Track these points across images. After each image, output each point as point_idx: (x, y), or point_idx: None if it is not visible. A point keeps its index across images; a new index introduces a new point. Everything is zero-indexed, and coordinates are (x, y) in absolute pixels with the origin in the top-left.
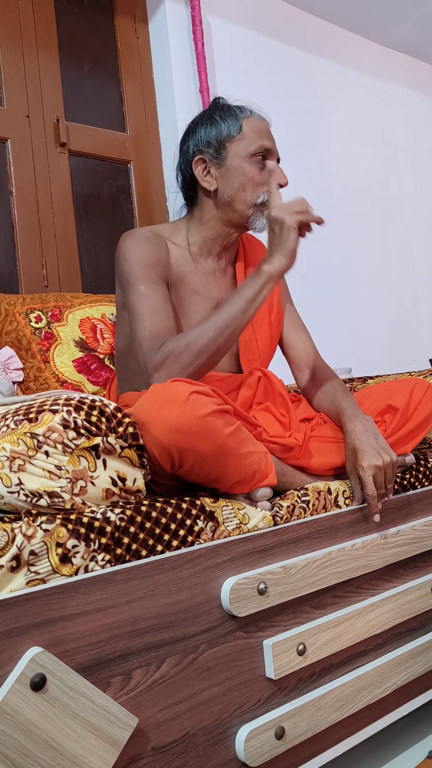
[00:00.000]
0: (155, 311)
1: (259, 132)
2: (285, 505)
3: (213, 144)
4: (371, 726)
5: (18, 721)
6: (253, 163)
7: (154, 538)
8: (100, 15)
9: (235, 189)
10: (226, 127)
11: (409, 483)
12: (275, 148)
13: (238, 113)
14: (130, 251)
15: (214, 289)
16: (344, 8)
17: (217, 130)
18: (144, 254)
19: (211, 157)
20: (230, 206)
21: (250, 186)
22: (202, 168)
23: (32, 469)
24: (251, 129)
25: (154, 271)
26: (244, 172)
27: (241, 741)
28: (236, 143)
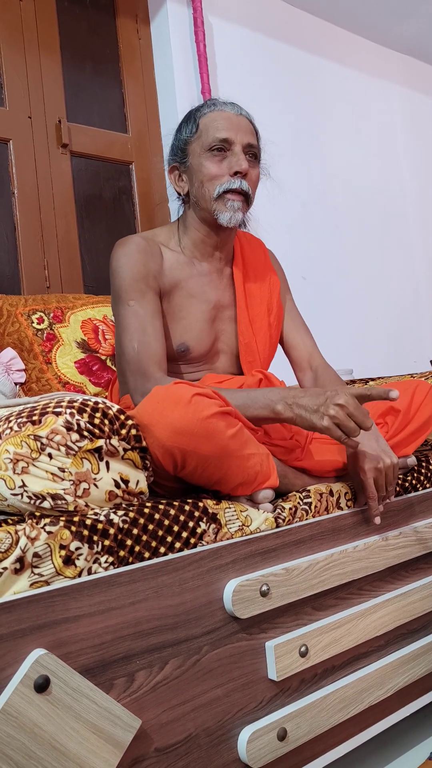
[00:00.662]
0: (143, 330)
1: (215, 124)
2: (287, 507)
3: (177, 150)
4: (373, 727)
5: (22, 723)
6: (209, 158)
7: (157, 540)
8: (102, 16)
9: (197, 187)
10: (185, 131)
11: (410, 485)
12: (237, 135)
13: (196, 113)
14: (120, 264)
15: (211, 290)
16: (345, 9)
17: (179, 135)
18: (134, 267)
19: (179, 162)
20: (198, 205)
21: (207, 180)
22: (175, 175)
23: (35, 471)
24: (206, 124)
25: (144, 283)
26: (201, 169)
27: (244, 742)
28: (194, 143)
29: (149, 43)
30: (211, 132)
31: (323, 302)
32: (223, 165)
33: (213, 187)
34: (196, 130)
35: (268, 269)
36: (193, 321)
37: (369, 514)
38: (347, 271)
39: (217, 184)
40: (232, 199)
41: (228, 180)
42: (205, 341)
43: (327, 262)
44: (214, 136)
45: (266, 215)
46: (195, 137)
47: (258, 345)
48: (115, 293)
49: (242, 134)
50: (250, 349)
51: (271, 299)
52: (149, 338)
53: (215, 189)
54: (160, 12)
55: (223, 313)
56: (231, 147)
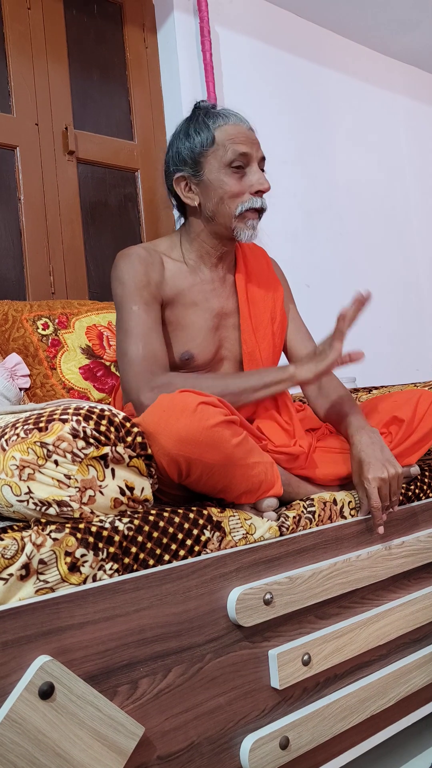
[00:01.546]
0: (147, 333)
1: (233, 139)
2: (291, 516)
3: (189, 161)
4: (375, 737)
5: (26, 729)
6: (230, 174)
7: (162, 548)
8: (109, 25)
9: (215, 203)
10: (199, 141)
11: (413, 494)
12: (254, 151)
13: (211, 124)
14: (123, 273)
15: (214, 298)
16: (350, 19)
17: (191, 144)
18: (137, 275)
19: (190, 174)
20: (214, 220)
21: (229, 198)
22: (183, 185)
23: (42, 478)
24: (224, 137)
25: (147, 291)
26: (222, 185)
27: (246, 751)
28: (211, 156)
29: (156, 51)
30: (231, 147)
31: (327, 310)
32: (243, 182)
33: (234, 205)
34: (212, 143)
35: (271, 277)
36: (196, 329)
37: (372, 524)
38: (351, 279)
39: (238, 202)
40: (252, 218)
41: (250, 199)
42: (209, 349)
43: (331, 271)
44: (235, 151)
45: (271, 224)
46: (211, 150)
47: (261, 353)
48: (118, 300)
49: (256, 148)
50: (254, 357)
51: (274, 307)
52: (154, 341)
53: (237, 207)
54: (167, 21)
55: (227, 320)
56: (249, 163)
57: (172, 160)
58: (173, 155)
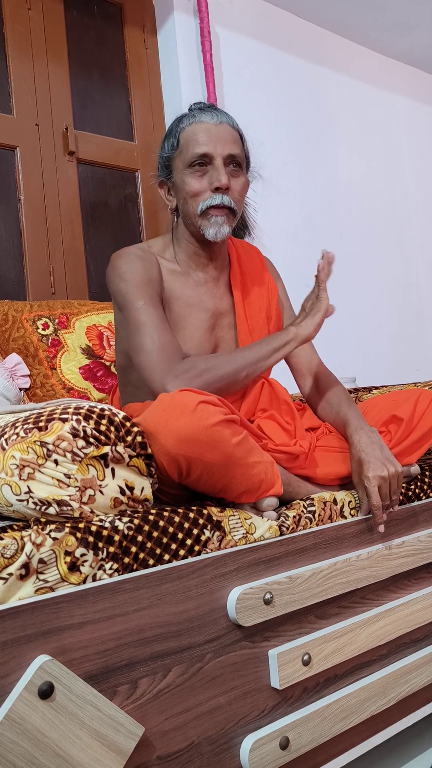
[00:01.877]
0: (159, 325)
1: (194, 139)
2: (291, 515)
3: (163, 166)
4: (375, 737)
5: (25, 729)
6: (190, 174)
7: (162, 548)
8: (110, 26)
9: (182, 204)
10: (168, 146)
11: (413, 494)
12: (217, 148)
13: (176, 127)
14: (124, 269)
15: (209, 299)
16: (351, 20)
17: (163, 150)
18: (139, 272)
19: (165, 178)
20: (186, 220)
21: (190, 197)
22: (165, 190)
23: (41, 477)
24: (187, 138)
25: (150, 287)
26: (184, 186)
27: (246, 751)
28: (177, 159)
29: (156, 52)
30: (191, 147)
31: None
32: (204, 180)
33: (196, 204)
34: (177, 146)
35: (265, 276)
36: (192, 330)
37: (373, 523)
38: (351, 279)
39: (200, 201)
40: (215, 214)
41: (210, 196)
42: (206, 349)
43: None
44: (193, 152)
45: (271, 224)
46: (177, 153)
47: None
48: (122, 298)
49: (222, 145)
50: None
51: (269, 307)
52: (166, 332)
53: (198, 206)
54: (167, 22)
55: (222, 320)
56: (212, 161)
57: (157, 169)
58: (157, 161)
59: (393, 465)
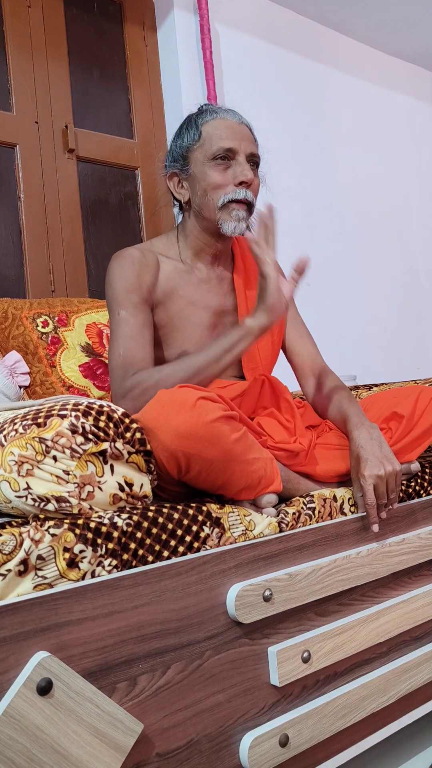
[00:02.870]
0: (131, 337)
1: (219, 133)
2: (291, 512)
3: (178, 157)
4: (375, 735)
5: (24, 726)
6: (213, 167)
7: (161, 544)
8: (110, 23)
9: (200, 196)
10: (187, 137)
11: (414, 491)
12: (241, 145)
13: (198, 120)
14: (114, 275)
15: (212, 297)
16: (351, 17)
17: (180, 142)
18: (127, 278)
19: (179, 169)
20: (201, 214)
21: (212, 190)
22: (175, 182)
23: (40, 473)
24: (210, 132)
25: (136, 295)
26: (205, 177)
27: (245, 748)
28: (197, 150)
29: (156, 49)
30: (215, 141)
31: (327, 308)
32: (227, 174)
33: (217, 197)
34: (198, 138)
35: None
36: (193, 328)
37: (367, 522)
38: (351, 277)
39: (221, 194)
40: (237, 208)
41: (233, 190)
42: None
43: (331, 269)
44: (218, 145)
45: None
46: (197, 145)
47: (260, 352)
48: (108, 304)
49: (245, 143)
50: (252, 356)
51: None
52: (136, 345)
53: (220, 198)
54: (167, 19)
55: (224, 319)
56: (235, 156)
57: (167, 159)
58: (168, 154)
59: (391, 463)
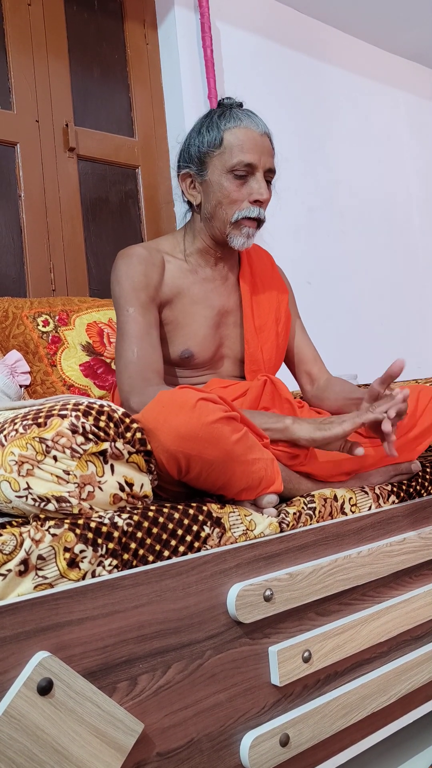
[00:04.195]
0: (143, 336)
1: (241, 145)
2: (291, 512)
3: (195, 159)
4: (375, 734)
5: (24, 725)
6: (231, 179)
7: (161, 544)
8: (110, 21)
9: (213, 205)
10: (207, 140)
11: (414, 490)
12: (261, 160)
13: (222, 124)
14: (121, 273)
15: (215, 296)
16: (352, 15)
17: (200, 143)
18: (135, 277)
19: (195, 172)
20: (211, 221)
21: (227, 203)
22: (188, 182)
23: (40, 473)
24: (232, 142)
25: (144, 293)
26: (222, 189)
27: (246, 748)
28: (216, 158)
29: (156, 47)
30: (236, 153)
31: (328, 307)
32: (243, 190)
33: (231, 211)
34: (219, 144)
35: (275, 278)
36: (197, 327)
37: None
38: (352, 276)
39: (236, 209)
40: (248, 225)
41: (248, 207)
42: (210, 347)
43: (332, 267)
44: (239, 158)
45: (272, 220)
46: (218, 152)
47: (264, 354)
48: (116, 301)
49: (265, 158)
50: (255, 358)
51: (279, 308)
52: (149, 346)
53: (233, 214)
54: (167, 17)
55: (228, 318)
56: (254, 171)
57: (182, 155)
58: (184, 150)
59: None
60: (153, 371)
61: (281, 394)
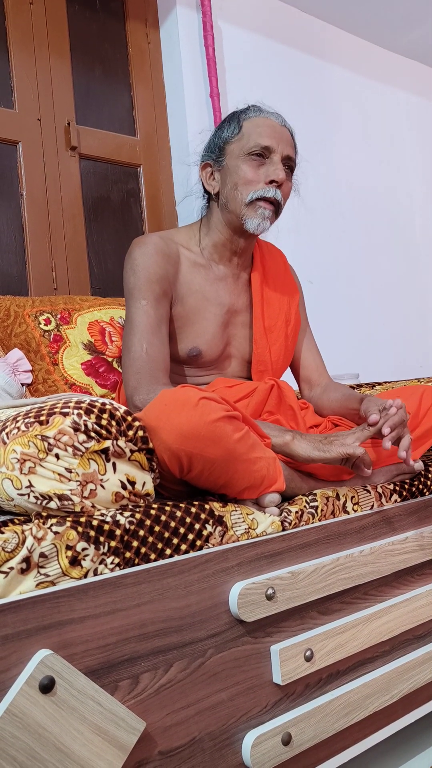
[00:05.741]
0: (153, 332)
1: (258, 130)
2: (293, 511)
3: (215, 148)
4: (378, 733)
5: (26, 724)
6: (247, 161)
7: (163, 542)
8: (112, 20)
9: (230, 188)
10: (227, 130)
11: (417, 490)
12: (279, 145)
13: (241, 115)
14: (138, 263)
15: (226, 294)
16: (354, 15)
17: (219, 134)
18: (150, 268)
19: (213, 160)
20: (227, 207)
21: (242, 184)
22: (207, 172)
23: (42, 471)
24: (250, 128)
25: (158, 286)
26: (238, 171)
27: (248, 747)
28: (234, 144)
29: (158, 47)
30: (254, 136)
31: (330, 306)
32: (260, 171)
33: (246, 192)
34: (238, 132)
35: (288, 280)
36: (206, 324)
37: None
38: (354, 275)
39: (251, 189)
40: (264, 206)
41: (263, 187)
42: (217, 345)
43: (334, 267)
44: (256, 141)
45: None
46: (236, 138)
47: (272, 355)
48: (129, 291)
49: (284, 145)
50: (262, 359)
51: (289, 310)
52: (158, 342)
53: (249, 194)
54: (169, 16)
55: (236, 318)
56: (270, 155)
57: (204, 151)
58: (206, 146)
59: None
60: (160, 370)
61: (286, 400)
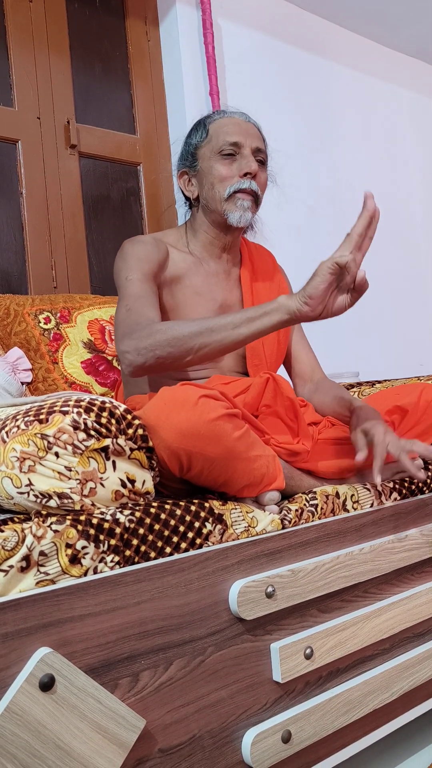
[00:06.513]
0: (138, 296)
1: (225, 129)
2: (293, 509)
3: (188, 155)
4: (377, 731)
5: (26, 721)
6: (220, 160)
7: (163, 540)
8: (112, 18)
9: (207, 189)
10: (195, 137)
11: (417, 487)
12: (246, 139)
13: (206, 120)
14: (126, 251)
15: (218, 290)
16: (354, 12)
17: (189, 141)
18: (140, 252)
19: (188, 167)
20: (209, 208)
21: (218, 182)
22: (185, 180)
23: (42, 470)
24: (216, 130)
25: (147, 266)
26: (212, 171)
27: (248, 744)
28: (205, 147)
29: (158, 45)
30: (222, 136)
31: None
32: (233, 167)
33: (224, 188)
34: (206, 136)
35: (276, 275)
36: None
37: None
38: None
39: (227, 185)
40: (242, 198)
41: (238, 180)
42: None
43: None
44: (224, 139)
45: (274, 219)
46: (205, 142)
47: (265, 349)
48: (117, 277)
49: (251, 139)
50: (257, 352)
51: None
52: (144, 303)
53: (226, 189)
54: (169, 14)
55: (229, 312)
56: (240, 150)
57: (178, 160)
58: (179, 156)
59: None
60: (146, 318)
61: (284, 393)
